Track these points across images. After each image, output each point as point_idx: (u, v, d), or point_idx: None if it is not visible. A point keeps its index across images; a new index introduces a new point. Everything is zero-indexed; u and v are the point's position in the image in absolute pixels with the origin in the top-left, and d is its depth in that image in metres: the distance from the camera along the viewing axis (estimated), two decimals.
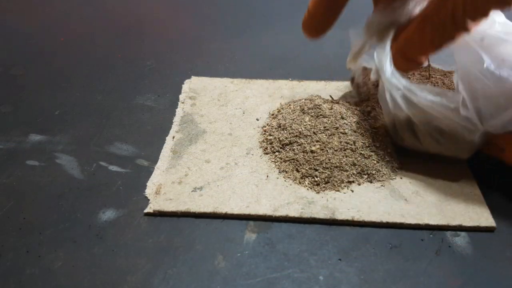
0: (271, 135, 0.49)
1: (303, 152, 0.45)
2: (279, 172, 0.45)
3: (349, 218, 0.40)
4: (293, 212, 0.41)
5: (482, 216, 0.40)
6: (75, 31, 0.74)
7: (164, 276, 0.36)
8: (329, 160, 0.44)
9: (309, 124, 0.47)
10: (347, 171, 0.44)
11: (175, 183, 0.44)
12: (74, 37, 0.72)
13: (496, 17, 0.39)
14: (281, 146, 0.47)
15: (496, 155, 0.43)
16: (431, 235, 0.39)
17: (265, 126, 0.51)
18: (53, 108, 0.55)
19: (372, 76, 0.47)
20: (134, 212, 0.41)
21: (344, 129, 0.46)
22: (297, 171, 0.44)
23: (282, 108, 0.53)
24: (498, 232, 0.39)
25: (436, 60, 0.55)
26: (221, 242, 0.39)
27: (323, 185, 0.43)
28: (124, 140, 0.50)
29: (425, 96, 0.40)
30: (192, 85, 0.59)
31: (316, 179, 0.43)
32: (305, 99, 0.51)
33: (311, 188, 0.43)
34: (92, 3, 0.84)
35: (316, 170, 0.44)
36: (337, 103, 0.50)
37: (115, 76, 0.62)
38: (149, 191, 0.43)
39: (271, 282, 0.36)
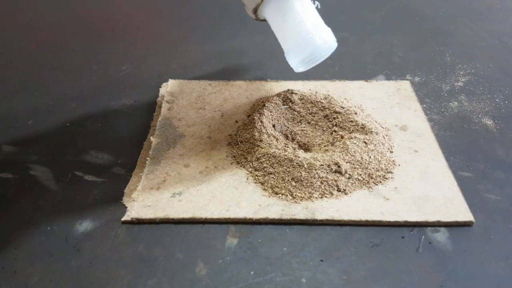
0: (238, 137, 0.49)
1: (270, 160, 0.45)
2: (255, 182, 0.44)
3: (329, 217, 0.40)
4: (274, 214, 0.40)
5: (460, 211, 0.40)
6: (47, 38, 0.73)
7: (144, 287, 0.35)
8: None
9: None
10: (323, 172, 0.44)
11: (153, 189, 0.43)
12: (46, 44, 0.71)
13: None
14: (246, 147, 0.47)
15: None
16: (411, 232, 0.39)
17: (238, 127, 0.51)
18: (26, 118, 0.54)
19: None
20: (112, 222, 0.40)
21: (317, 123, 0.47)
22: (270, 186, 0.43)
23: (254, 105, 0.54)
24: (476, 226, 0.40)
25: None
26: (202, 249, 0.38)
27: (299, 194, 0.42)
28: (100, 148, 0.49)
29: None
30: (169, 88, 0.58)
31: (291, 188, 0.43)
32: (277, 95, 0.52)
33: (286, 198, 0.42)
34: (64, 9, 0.83)
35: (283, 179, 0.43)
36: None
37: (89, 82, 0.61)
38: (126, 199, 0.42)
39: None
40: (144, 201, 0.42)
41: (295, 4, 0.43)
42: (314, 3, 0.44)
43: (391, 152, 0.47)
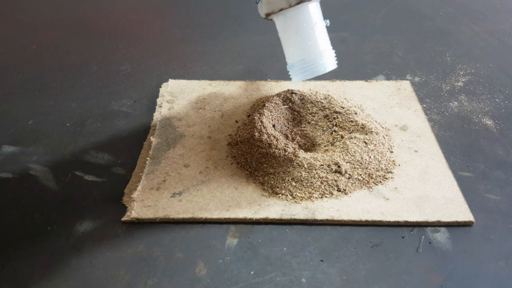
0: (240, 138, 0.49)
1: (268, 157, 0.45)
2: (256, 184, 0.44)
3: (329, 217, 0.40)
4: (274, 214, 0.40)
5: (460, 211, 0.40)
6: (47, 38, 0.73)
7: (144, 286, 0.35)
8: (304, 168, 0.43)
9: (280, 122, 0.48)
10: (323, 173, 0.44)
11: (153, 189, 0.43)
12: (47, 44, 0.71)
13: None
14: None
15: None
16: (411, 232, 0.39)
17: (238, 128, 0.51)
18: (26, 118, 0.54)
19: None
20: (112, 222, 0.40)
21: (317, 125, 0.46)
22: (270, 185, 0.43)
23: (254, 105, 0.54)
24: (476, 226, 0.40)
25: None
26: (202, 249, 0.38)
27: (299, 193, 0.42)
28: (100, 148, 0.49)
29: None
30: (170, 88, 0.58)
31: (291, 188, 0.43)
32: (277, 95, 0.52)
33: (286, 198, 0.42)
34: (64, 9, 0.83)
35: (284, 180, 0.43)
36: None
37: (89, 82, 0.61)
38: (126, 199, 0.42)
39: None
40: (144, 201, 0.42)
41: (309, 23, 0.43)
42: (325, 21, 0.44)
43: (391, 152, 0.47)
